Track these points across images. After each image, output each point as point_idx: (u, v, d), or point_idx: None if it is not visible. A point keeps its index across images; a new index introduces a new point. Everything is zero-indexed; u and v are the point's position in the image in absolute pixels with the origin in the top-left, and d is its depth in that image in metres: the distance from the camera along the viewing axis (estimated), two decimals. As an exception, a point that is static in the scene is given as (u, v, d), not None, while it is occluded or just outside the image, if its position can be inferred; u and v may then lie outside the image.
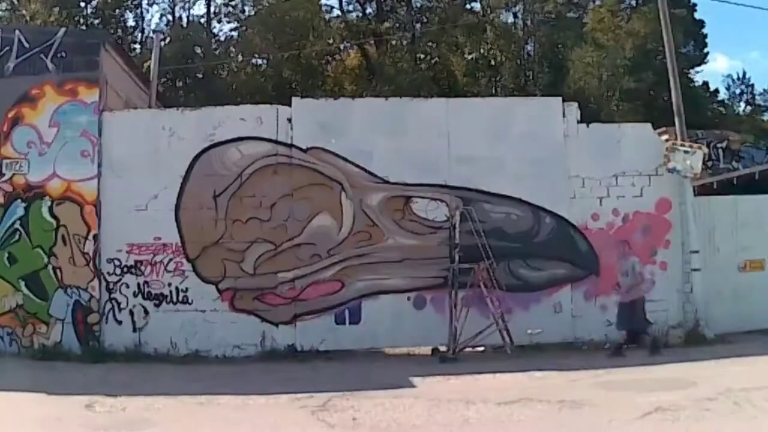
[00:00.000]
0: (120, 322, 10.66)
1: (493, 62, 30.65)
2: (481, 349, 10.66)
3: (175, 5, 31.80)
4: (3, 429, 6.92)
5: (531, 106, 11.97)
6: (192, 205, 10.78)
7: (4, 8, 27.28)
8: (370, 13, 32.00)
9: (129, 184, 10.74)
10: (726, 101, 35.72)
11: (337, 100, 12.17)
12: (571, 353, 10.34)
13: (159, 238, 10.73)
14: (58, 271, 10.63)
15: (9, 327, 10.57)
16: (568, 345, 10.70)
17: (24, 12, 25.54)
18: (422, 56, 31.16)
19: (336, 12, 31.94)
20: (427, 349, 10.83)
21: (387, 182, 10.95)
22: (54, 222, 10.70)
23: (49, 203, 10.70)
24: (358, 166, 10.91)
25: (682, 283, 11.12)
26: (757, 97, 37.20)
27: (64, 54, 10.95)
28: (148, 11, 35.46)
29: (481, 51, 30.78)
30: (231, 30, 30.97)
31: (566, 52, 28.83)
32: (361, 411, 7.23)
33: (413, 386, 8.55)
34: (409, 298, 10.83)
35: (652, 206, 11.25)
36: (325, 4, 30.94)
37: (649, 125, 11.91)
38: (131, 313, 10.67)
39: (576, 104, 11.48)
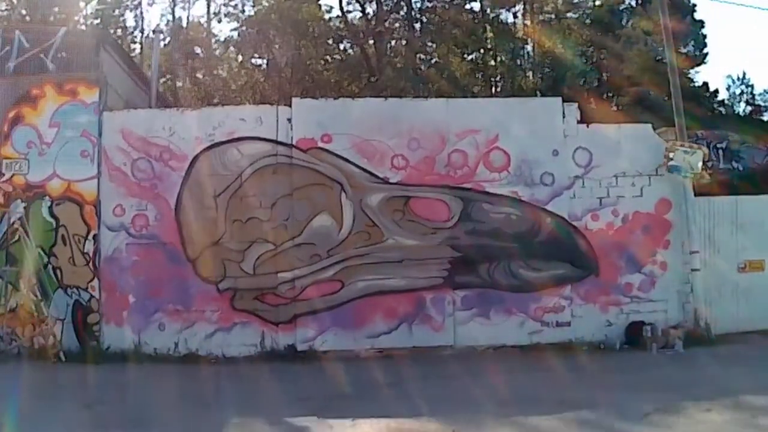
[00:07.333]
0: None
1: (493, 62, 30.65)
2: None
3: (175, 5, 31.82)
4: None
5: (531, 107, 11.93)
6: (192, 205, 10.78)
7: (3, 8, 27.26)
8: (369, 13, 32.00)
9: (129, 184, 10.76)
10: (726, 101, 35.72)
11: (337, 100, 12.13)
12: (571, 353, 10.33)
13: (159, 238, 10.74)
14: (58, 271, 10.62)
15: (9, 327, 10.58)
16: (568, 345, 10.69)
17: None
18: (422, 56, 31.15)
19: (336, 12, 31.98)
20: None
21: (387, 182, 10.95)
22: (54, 222, 10.70)
23: (49, 203, 10.70)
24: (358, 166, 10.92)
25: (682, 283, 11.12)
26: (757, 97, 37.21)
27: (64, 54, 10.96)
28: (148, 11, 35.37)
29: (481, 51, 30.78)
30: (231, 30, 31.00)
31: (566, 52, 28.81)
32: (361, 411, 7.24)
33: (412, 385, 8.55)
34: (409, 299, 10.81)
35: (652, 206, 11.24)
36: (325, 4, 30.98)
37: (649, 125, 11.89)
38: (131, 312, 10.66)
39: (576, 104, 11.45)
